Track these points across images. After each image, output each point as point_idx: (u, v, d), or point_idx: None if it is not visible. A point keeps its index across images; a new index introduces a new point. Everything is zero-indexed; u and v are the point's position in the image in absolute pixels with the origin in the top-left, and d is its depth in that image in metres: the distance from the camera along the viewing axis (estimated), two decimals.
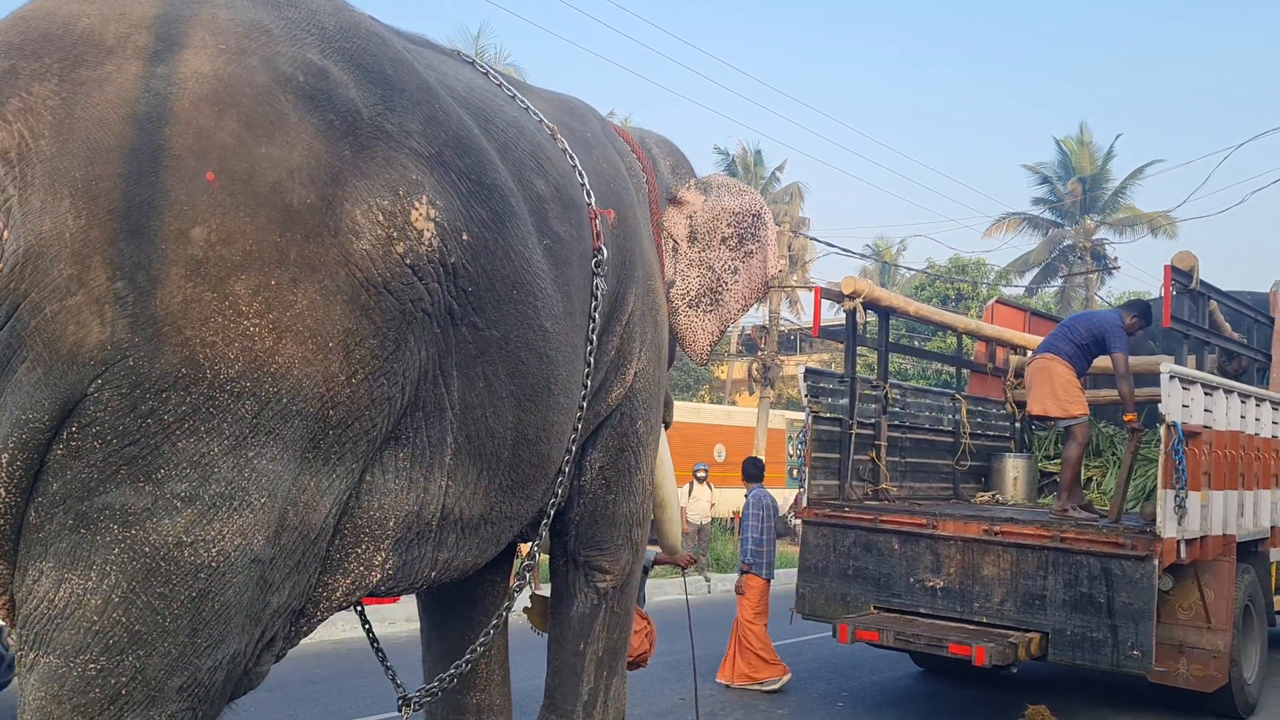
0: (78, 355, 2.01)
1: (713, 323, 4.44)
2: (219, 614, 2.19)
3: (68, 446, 2.05)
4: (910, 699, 7.85)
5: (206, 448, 2.10)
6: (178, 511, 2.09)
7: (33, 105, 2.07)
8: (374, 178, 2.36)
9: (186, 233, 2.05)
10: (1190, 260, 7.47)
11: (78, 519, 2.07)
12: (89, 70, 2.12)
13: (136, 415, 2.04)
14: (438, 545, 2.86)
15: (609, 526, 3.88)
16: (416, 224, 2.42)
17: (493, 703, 4.20)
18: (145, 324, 2.02)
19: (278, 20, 2.38)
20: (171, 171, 2.07)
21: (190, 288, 2.05)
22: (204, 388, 2.08)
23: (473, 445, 2.82)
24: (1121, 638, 5.79)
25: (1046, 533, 6.19)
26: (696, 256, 4.37)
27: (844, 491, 7.57)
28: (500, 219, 2.78)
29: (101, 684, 2.07)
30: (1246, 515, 7.17)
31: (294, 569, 2.37)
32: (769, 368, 20.92)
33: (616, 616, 3.99)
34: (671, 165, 4.49)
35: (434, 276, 2.48)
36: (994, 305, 10.79)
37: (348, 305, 2.27)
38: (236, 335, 2.09)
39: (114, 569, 2.07)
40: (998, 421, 10.01)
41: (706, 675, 7.47)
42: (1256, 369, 9.26)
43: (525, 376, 2.95)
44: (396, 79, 2.56)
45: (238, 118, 2.15)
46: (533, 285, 2.92)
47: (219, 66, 2.18)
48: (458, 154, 2.65)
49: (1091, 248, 30.79)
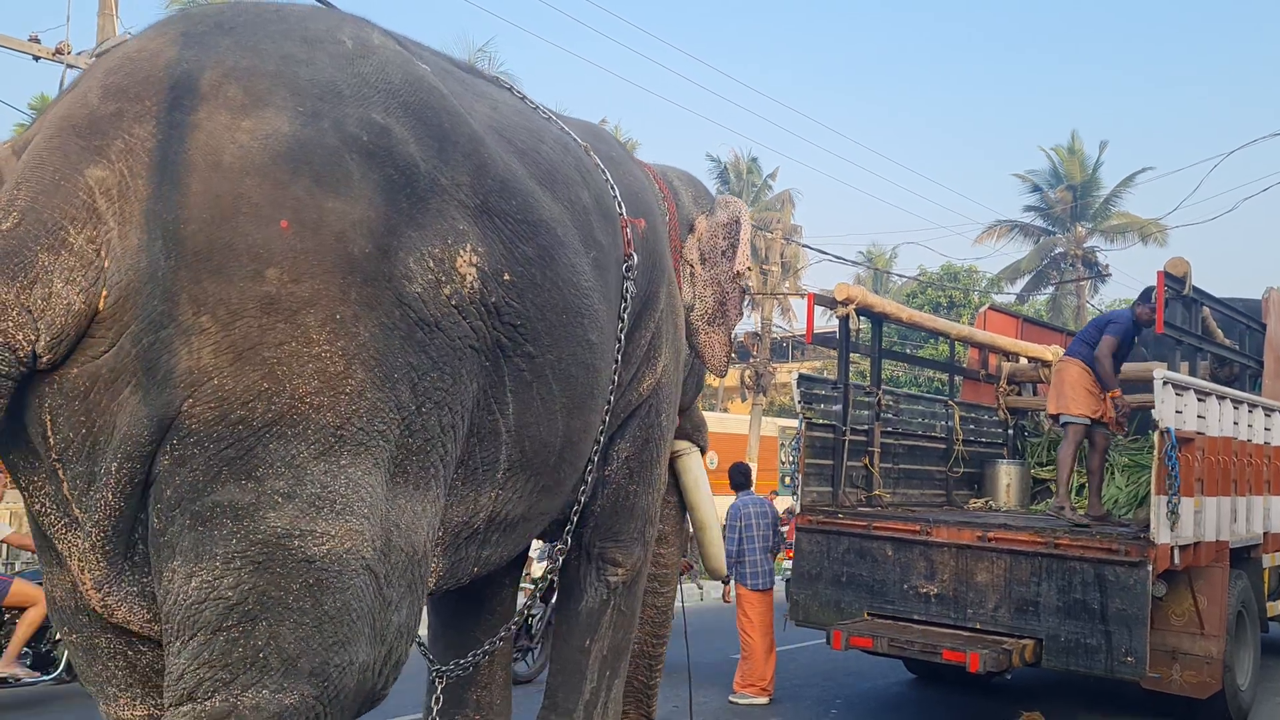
0: (170, 379, 2.27)
1: (724, 334, 4.64)
2: (341, 611, 2.40)
3: (173, 456, 2.29)
4: (904, 706, 7.84)
5: (296, 450, 2.32)
6: (280, 506, 2.31)
7: (133, 146, 2.31)
8: (427, 228, 2.60)
9: (262, 273, 2.29)
10: (1183, 266, 7.49)
11: (194, 518, 2.30)
12: (183, 114, 2.36)
13: (228, 423, 2.28)
14: (482, 544, 3.10)
15: (628, 519, 4.00)
16: (460, 269, 2.66)
17: (493, 701, 4.24)
18: (226, 350, 2.27)
19: (350, 79, 2.61)
20: (250, 218, 2.30)
21: (265, 319, 2.29)
22: (285, 398, 2.31)
23: (525, 458, 3.06)
24: (1115, 644, 5.78)
25: (1040, 539, 6.19)
26: (708, 276, 4.57)
27: (837, 498, 7.56)
28: (548, 253, 3.03)
29: (244, 644, 2.30)
30: (1239, 521, 7.18)
31: (408, 590, 2.61)
32: (761, 375, 20.95)
33: (623, 615, 4.08)
34: (693, 196, 4.69)
35: (477, 315, 2.73)
36: (987, 311, 10.80)
37: (405, 340, 2.50)
38: (310, 358, 2.33)
39: (236, 555, 2.29)
40: (991, 428, 10.02)
41: (701, 683, 7.42)
42: (1248, 375, 9.28)
43: (575, 388, 3.19)
44: (452, 132, 2.80)
45: (310, 174, 2.39)
46: (581, 306, 3.17)
47: (296, 128, 2.42)
48: (503, 198, 2.89)
49: (1083, 255, 30.90)
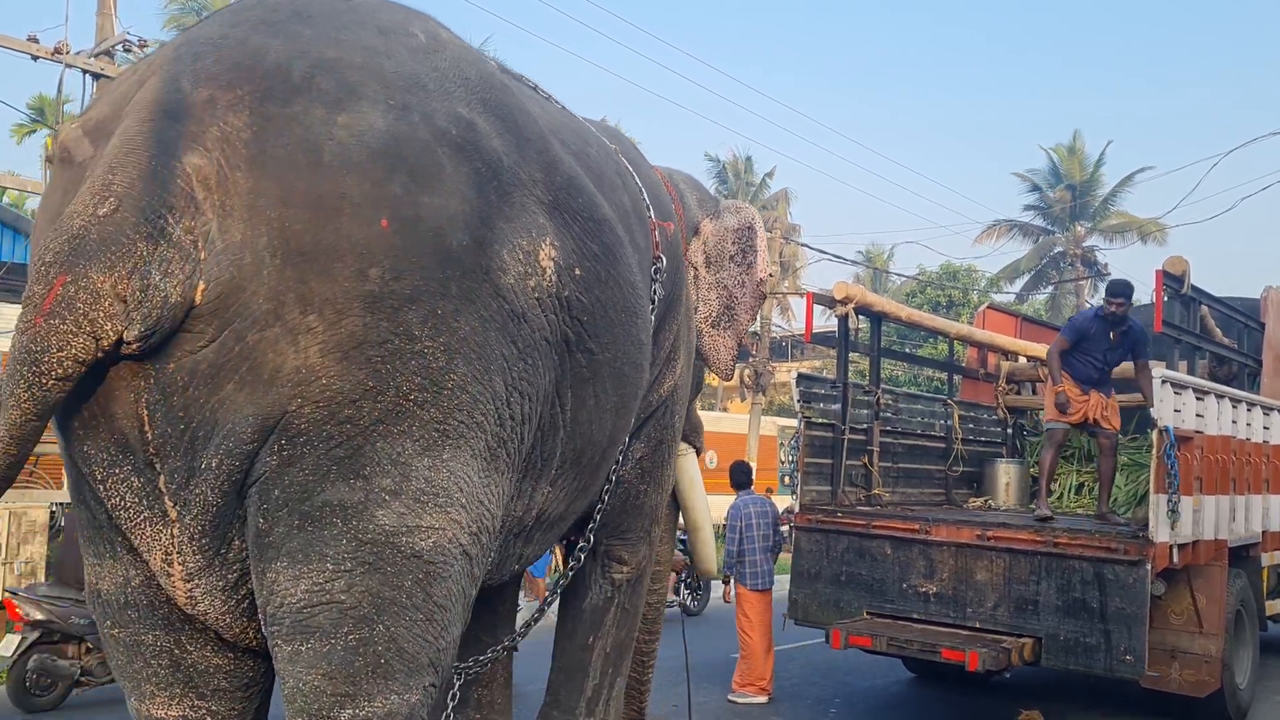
0: (277, 378, 2.26)
1: (731, 338, 4.68)
2: (447, 598, 2.48)
3: (280, 456, 2.29)
4: (903, 705, 7.84)
5: (402, 447, 2.35)
6: (388, 504, 2.34)
7: (229, 136, 2.28)
8: (514, 221, 2.64)
9: (365, 272, 2.31)
10: (1182, 265, 7.50)
11: (302, 518, 2.30)
12: (277, 107, 2.34)
13: (336, 422, 2.30)
14: (527, 541, 3.16)
15: (636, 517, 4.04)
16: (543, 262, 2.72)
17: (494, 700, 4.26)
18: (333, 349, 2.28)
19: (430, 72, 2.62)
20: (352, 218, 2.31)
21: (369, 318, 2.30)
22: (391, 396, 2.33)
23: (576, 455, 3.10)
24: (1114, 642, 5.79)
25: (1039, 538, 6.19)
26: (713, 279, 4.62)
27: (836, 497, 7.56)
28: (611, 251, 3.09)
29: (364, 652, 2.30)
30: (1238, 520, 7.19)
31: (484, 568, 2.69)
32: (760, 374, 20.93)
33: (627, 613, 4.12)
34: (698, 199, 4.74)
35: (553, 309, 2.78)
36: (986, 311, 10.78)
37: (500, 332, 2.55)
38: (413, 355, 2.35)
39: (347, 557, 2.31)
40: (990, 427, 10.01)
41: (699, 682, 7.42)
42: (1247, 374, 9.28)
43: (625, 387, 3.25)
44: (525, 128, 2.85)
45: (405, 170, 2.40)
46: (636, 305, 3.24)
47: (389, 123, 2.43)
48: (570, 195, 2.95)
49: (1082, 254, 30.89)
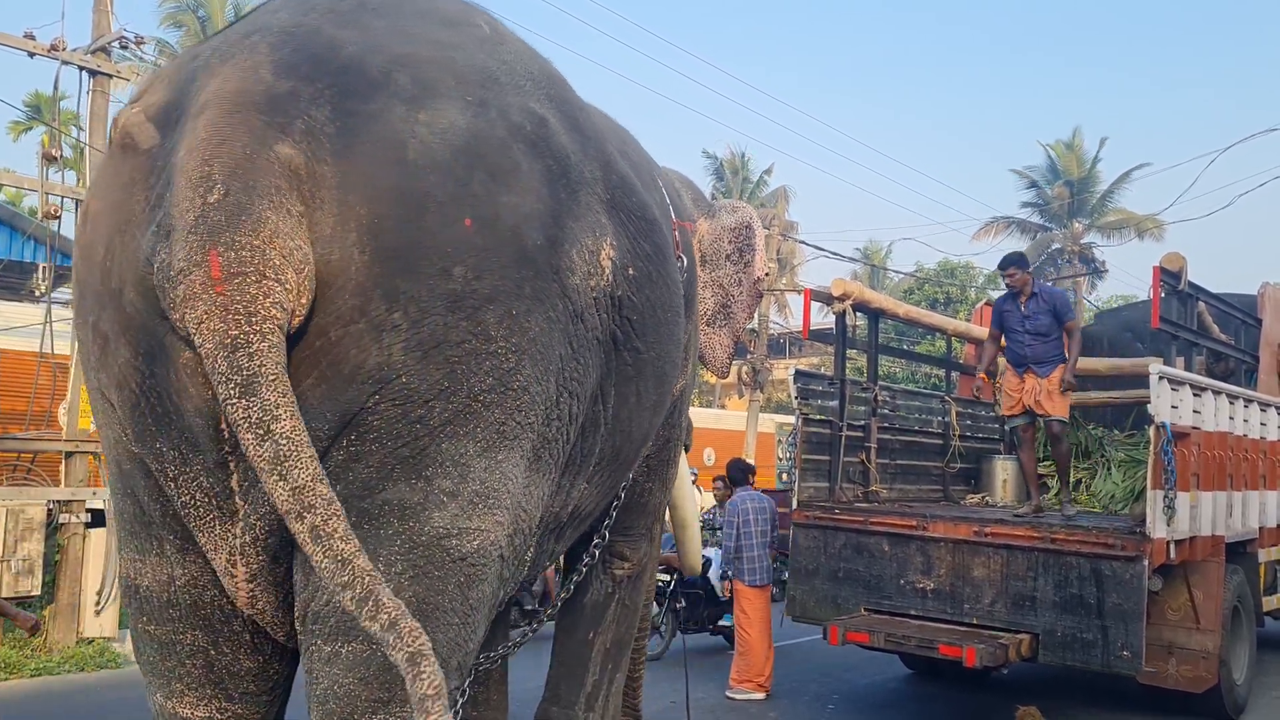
0: (358, 375, 2.27)
1: (728, 336, 4.68)
2: (480, 601, 2.48)
3: (348, 452, 2.31)
4: (901, 701, 7.85)
5: (465, 449, 2.38)
6: (444, 506, 2.36)
7: (314, 130, 2.28)
8: (582, 219, 2.66)
9: (449, 270, 2.33)
10: (1179, 261, 7.49)
11: (360, 515, 2.29)
12: (359, 103, 2.34)
13: (408, 421, 2.31)
14: (558, 538, 3.17)
15: (640, 514, 4.06)
16: (603, 262, 2.73)
17: (489, 697, 4.25)
18: (415, 348, 2.29)
19: (499, 65, 2.62)
20: (437, 216, 2.33)
21: (450, 317, 2.33)
22: (462, 397, 2.36)
23: (613, 453, 3.12)
24: (1111, 638, 5.79)
25: (1036, 534, 6.20)
26: (709, 278, 4.60)
27: (834, 493, 7.56)
28: (660, 251, 3.10)
29: None
30: (1235, 516, 7.20)
31: (516, 569, 2.69)
32: (758, 371, 20.93)
33: (627, 609, 4.14)
34: (692, 198, 4.74)
35: (605, 308, 2.81)
36: (983, 307, 10.77)
37: (562, 333, 2.57)
38: (487, 355, 2.38)
39: (399, 558, 2.31)
40: (987, 424, 10.01)
41: (699, 679, 7.43)
42: (1244, 370, 9.28)
43: (664, 386, 3.27)
44: (584, 126, 2.87)
45: (485, 168, 2.42)
46: (678, 305, 3.25)
47: (468, 120, 2.44)
48: (624, 195, 2.96)
49: (1080, 251, 30.90)
